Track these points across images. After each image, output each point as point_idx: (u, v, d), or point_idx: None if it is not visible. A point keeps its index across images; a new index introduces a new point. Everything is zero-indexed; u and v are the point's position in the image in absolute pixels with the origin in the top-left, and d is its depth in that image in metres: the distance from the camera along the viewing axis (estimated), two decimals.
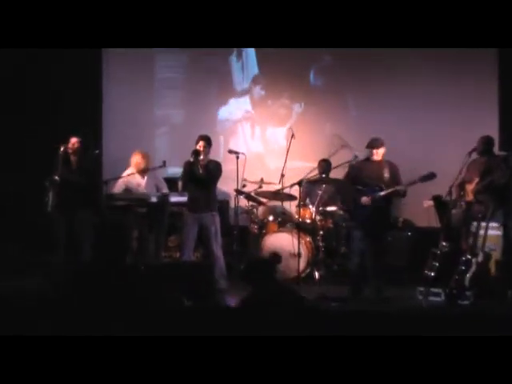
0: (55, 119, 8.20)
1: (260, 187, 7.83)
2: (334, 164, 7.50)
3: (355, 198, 6.48)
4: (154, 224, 6.97)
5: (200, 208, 6.81)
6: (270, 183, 7.84)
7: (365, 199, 6.44)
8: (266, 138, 8.72)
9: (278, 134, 8.60)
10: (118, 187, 7.21)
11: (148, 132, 8.75)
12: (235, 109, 8.71)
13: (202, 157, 6.73)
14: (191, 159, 6.72)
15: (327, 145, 8.18)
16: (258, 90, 8.66)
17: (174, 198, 6.98)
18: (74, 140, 7.12)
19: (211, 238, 6.77)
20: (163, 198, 6.91)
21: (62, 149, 7.01)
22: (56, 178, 6.87)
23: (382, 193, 6.40)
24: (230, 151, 7.46)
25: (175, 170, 7.61)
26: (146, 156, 7.26)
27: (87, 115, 8.27)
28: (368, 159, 6.65)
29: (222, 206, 7.76)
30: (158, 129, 8.92)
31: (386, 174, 6.48)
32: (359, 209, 6.47)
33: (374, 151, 6.56)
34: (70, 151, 7.07)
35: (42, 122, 8.20)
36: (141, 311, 3.65)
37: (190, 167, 6.79)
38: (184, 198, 6.90)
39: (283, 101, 8.49)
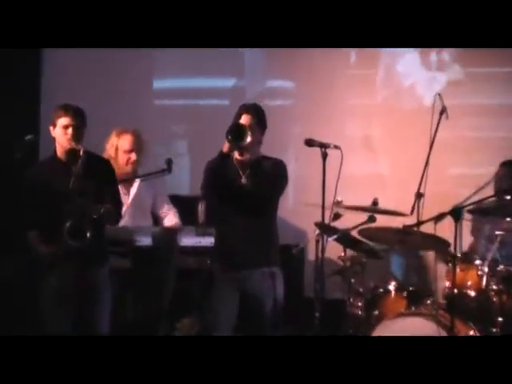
0: None
1: (370, 219, 4.79)
2: None
3: None
4: (145, 292, 4.52)
5: (243, 259, 4.23)
6: (391, 213, 4.86)
7: None
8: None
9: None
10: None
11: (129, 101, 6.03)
12: None
13: (245, 146, 3.91)
14: (223, 152, 3.92)
15: None
16: None
17: (188, 239, 4.65)
18: None
19: (265, 320, 4.33)
20: (167, 238, 4.50)
21: None
22: None
23: None
24: (310, 142, 4.30)
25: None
26: (139, 138, 4.74)
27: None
28: None
29: (290, 256, 5.12)
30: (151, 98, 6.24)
31: None
32: None
33: None
34: None
35: None
36: None
37: (218, 173, 4.03)
38: (209, 240, 4.54)
39: None
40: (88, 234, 3.68)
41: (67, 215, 3.68)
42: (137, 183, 4.66)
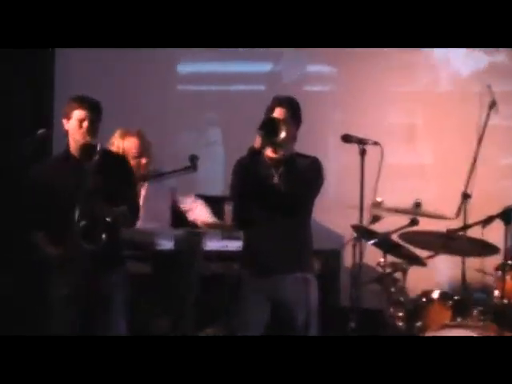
0: None
1: (413, 222, 4.51)
2: None
3: None
4: (166, 300, 4.21)
5: (274, 264, 4.01)
6: (435, 216, 4.54)
7: None
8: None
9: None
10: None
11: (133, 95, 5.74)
12: None
13: (279, 142, 3.72)
14: (254, 148, 3.72)
15: None
16: None
17: (213, 243, 4.44)
18: None
19: (297, 329, 4.10)
20: (190, 242, 4.22)
21: None
22: None
23: None
24: (347, 137, 4.08)
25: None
26: (143, 140, 4.47)
27: None
28: None
29: (325, 261, 5.07)
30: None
31: None
32: None
33: None
34: None
35: None
36: None
37: (249, 171, 3.84)
38: (236, 243, 4.31)
39: None
40: (103, 236, 3.39)
41: (80, 216, 3.39)
42: (147, 184, 4.38)
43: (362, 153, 3.83)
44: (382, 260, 4.78)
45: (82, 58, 5.89)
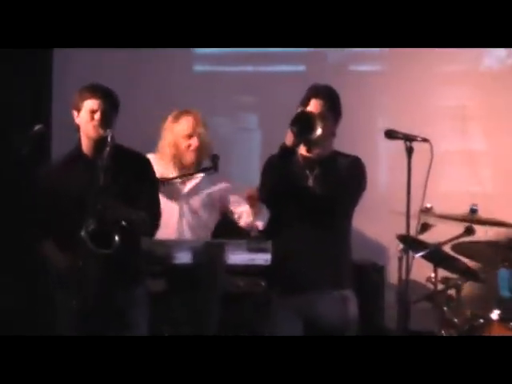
0: None
1: (468, 232, 4.10)
2: None
3: None
4: (183, 322, 3.69)
5: (308, 280, 3.64)
6: (496, 223, 4.11)
7: None
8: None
9: None
10: None
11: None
12: None
13: (314, 139, 3.34)
14: (287, 146, 3.32)
15: None
16: None
17: (238, 256, 3.92)
18: None
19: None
20: (210, 254, 3.73)
21: None
22: None
23: None
24: (391, 133, 3.63)
25: None
26: (201, 121, 3.96)
27: None
28: None
29: (367, 276, 4.81)
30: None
31: None
32: None
33: None
34: None
35: None
36: None
37: (280, 172, 3.44)
38: (264, 256, 3.83)
39: None
40: (116, 239, 2.97)
41: (89, 217, 2.99)
42: (195, 180, 3.88)
43: (409, 151, 3.39)
44: (432, 275, 4.48)
45: (82, 58, 5.71)
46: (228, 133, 4.79)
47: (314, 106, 3.57)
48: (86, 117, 3.15)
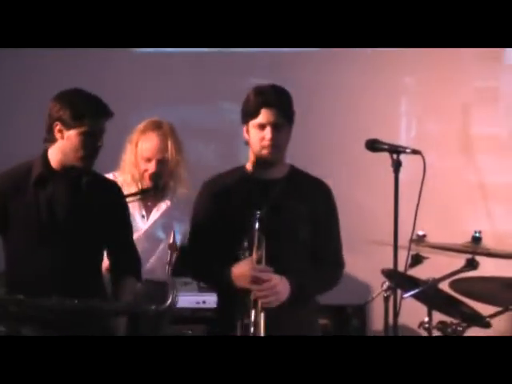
0: None
1: (470, 265, 3.53)
2: None
3: None
4: None
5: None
6: (503, 256, 3.61)
7: None
8: None
9: None
10: None
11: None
12: None
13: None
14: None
15: None
16: None
17: (186, 298, 3.55)
18: None
19: None
20: (151, 298, 3.07)
21: None
22: None
23: None
24: (373, 144, 3.10)
25: None
26: (169, 139, 3.46)
27: None
28: None
29: (346, 319, 4.31)
30: None
31: None
32: None
33: None
34: None
35: None
36: None
37: (224, 196, 3.04)
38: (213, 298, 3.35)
39: None
40: None
41: None
42: (164, 204, 3.37)
43: (397, 165, 2.87)
44: (426, 319, 3.97)
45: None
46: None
47: (265, 117, 3.15)
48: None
